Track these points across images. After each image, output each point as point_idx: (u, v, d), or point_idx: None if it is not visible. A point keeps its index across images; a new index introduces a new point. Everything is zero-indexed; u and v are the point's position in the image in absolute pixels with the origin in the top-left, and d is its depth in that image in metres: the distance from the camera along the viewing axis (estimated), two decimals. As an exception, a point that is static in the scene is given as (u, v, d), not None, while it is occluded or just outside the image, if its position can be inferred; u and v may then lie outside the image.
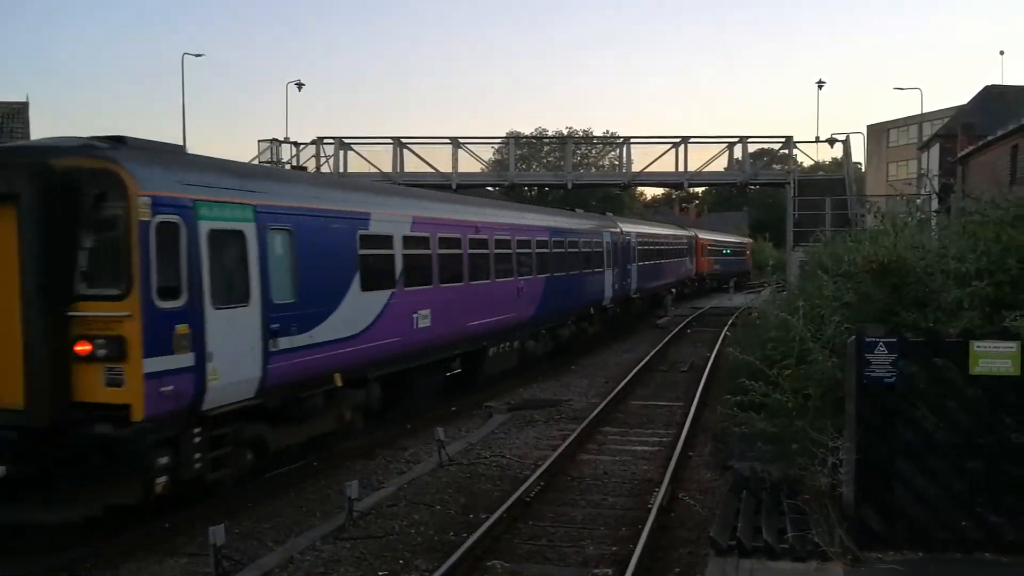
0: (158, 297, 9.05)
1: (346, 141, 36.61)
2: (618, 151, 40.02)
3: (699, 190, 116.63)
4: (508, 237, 19.31)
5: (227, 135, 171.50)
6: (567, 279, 23.33)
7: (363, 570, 8.76)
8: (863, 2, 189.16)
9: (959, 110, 56.29)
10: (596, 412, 16.00)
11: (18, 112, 35.11)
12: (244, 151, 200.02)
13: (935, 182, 43.67)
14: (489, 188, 75.71)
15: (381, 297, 13.50)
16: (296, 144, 36.69)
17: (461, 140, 36.72)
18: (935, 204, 36.97)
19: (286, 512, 10.66)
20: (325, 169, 36.11)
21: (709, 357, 22.48)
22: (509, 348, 19.65)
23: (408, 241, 14.51)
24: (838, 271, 11.73)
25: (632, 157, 37.31)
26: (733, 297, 47.48)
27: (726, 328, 27.00)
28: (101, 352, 8.89)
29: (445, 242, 15.95)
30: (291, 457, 12.24)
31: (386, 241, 13.87)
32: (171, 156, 10.29)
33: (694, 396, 17.28)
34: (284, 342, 10.93)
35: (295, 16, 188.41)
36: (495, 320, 18.28)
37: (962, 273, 9.49)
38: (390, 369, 13.94)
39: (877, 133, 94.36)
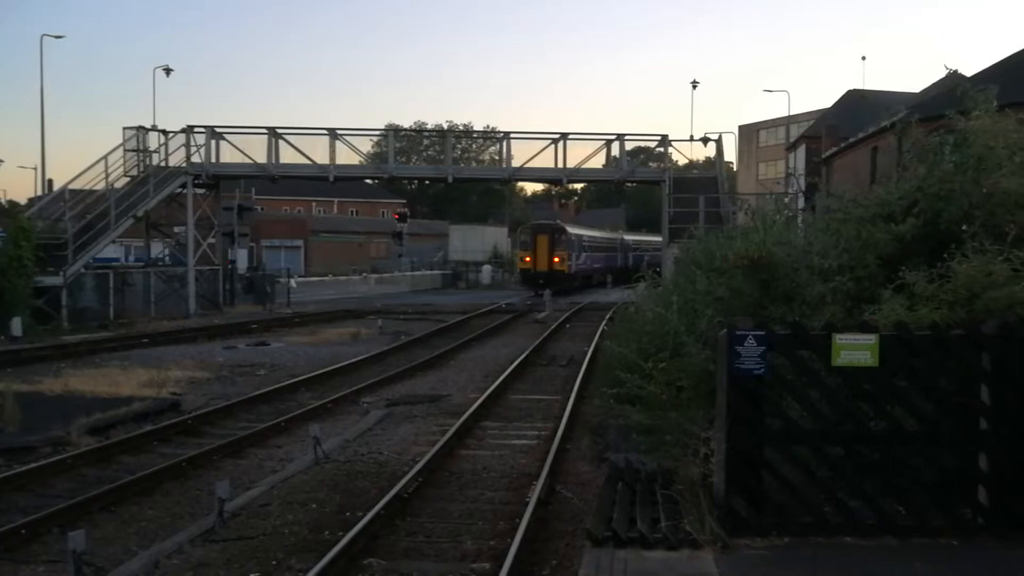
0: (567, 252, 54.87)
1: (218, 130, 35.49)
2: (498, 146, 40.11)
3: (578, 186, 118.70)
4: (600, 240, 68.36)
5: (90, 120, 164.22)
6: (610, 255, 68.83)
7: (234, 572, 8.45)
8: (735, 6, 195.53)
9: (824, 113, 58.91)
10: (475, 407, 15.94)
11: None
12: (109, 136, 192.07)
13: (801, 181, 45.56)
14: (368, 181, 74.90)
15: (585, 255, 60.66)
16: (164, 132, 35.32)
17: (339, 132, 36.11)
18: (802, 202, 38.45)
19: (151, 516, 10.20)
20: (196, 159, 34.92)
21: (587, 351, 22.75)
22: (599, 278, 64.13)
23: (588, 240, 63.04)
24: (711, 267, 11.97)
25: (512, 152, 37.60)
26: (610, 292, 48.49)
27: (603, 323, 27.40)
28: (562, 260, 53.89)
29: (590, 241, 63.57)
30: (161, 455, 12.92)
31: (583, 240, 60.95)
32: (571, 223, 70.09)
33: (572, 390, 17.44)
34: (577, 263, 58.07)
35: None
36: (596, 266, 64.02)
37: (825, 268, 9.85)
38: (587, 274, 61.37)
39: (748, 133, 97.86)
